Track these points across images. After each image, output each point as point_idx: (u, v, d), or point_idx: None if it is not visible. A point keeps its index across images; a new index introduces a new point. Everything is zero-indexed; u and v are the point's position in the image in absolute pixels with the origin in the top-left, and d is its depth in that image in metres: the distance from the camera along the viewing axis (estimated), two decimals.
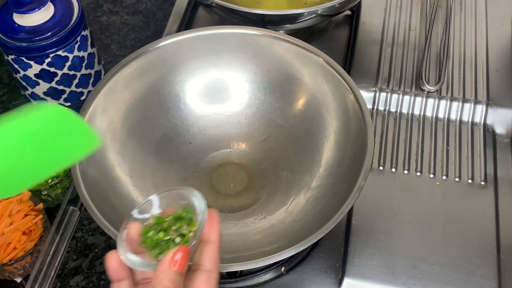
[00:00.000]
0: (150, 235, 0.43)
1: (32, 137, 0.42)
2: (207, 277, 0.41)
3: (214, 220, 0.42)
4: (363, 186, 0.57)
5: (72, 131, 0.45)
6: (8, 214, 0.67)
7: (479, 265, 0.65)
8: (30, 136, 0.42)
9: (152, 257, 0.42)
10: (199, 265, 0.41)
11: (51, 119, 0.44)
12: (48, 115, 0.44)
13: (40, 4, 0.74)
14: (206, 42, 0.70)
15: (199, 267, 0.41)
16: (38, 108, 0.44)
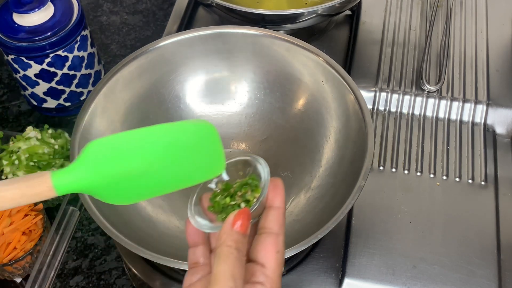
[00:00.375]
0: (217, 200, 0.45)
1: (174, 148, 0.44)
2: (275, 239, 0.42)
3: (278, 188, 0.44)
4: (363, 186, 0.57)
5: (210, 151, 0.46)
6: (8, 214, 0.67)
7: (479, 265, 0.65)
8: (173, 145, 0.44)
9: (219, 221, 0.44)
10: (266, 228, 0.43)
11: (198, 134, 0.45)
12: (198, 129, 0.46)
13: (40, 4, 0.74)
14: (206, 42, 0.70)
15: (266, 230, 0.42)
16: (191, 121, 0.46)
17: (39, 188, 0.39)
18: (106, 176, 0.41)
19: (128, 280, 0.69)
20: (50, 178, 0.39)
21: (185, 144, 0.44)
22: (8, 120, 0.86)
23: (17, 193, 0.39)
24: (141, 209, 0.65)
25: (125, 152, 0.42)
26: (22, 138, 0.74)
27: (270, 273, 0.41)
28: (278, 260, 0.41)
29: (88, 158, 0.41)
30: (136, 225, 0.62)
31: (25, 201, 0.39)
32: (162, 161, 0.43)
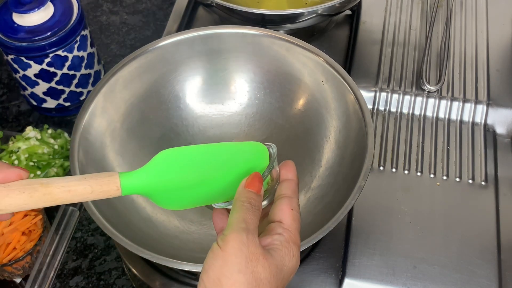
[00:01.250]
0: None
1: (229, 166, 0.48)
2: (289, 200, 0.47)
3: (289, 165, 0.50)
4: (363, 186, 0.56)
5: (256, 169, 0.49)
6: None
7: (479, 265, 0.65)
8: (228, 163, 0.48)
9: None
10: (281, 194, 0.47)
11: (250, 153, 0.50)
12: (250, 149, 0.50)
13: (39, 4, 0.74)
14: (206, 42, 0.70)
15: (280, 196, 0.47)
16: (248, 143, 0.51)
17: (108, 187, 0.43)
18: (167, 184, 0.45)
19: (128, 280, 0.69)
20: (118, 179, 0.43)
21: (238, 162, 0.48)
22: (8, 120, 0.86)
23: (88, 189, 0.42)
24: (141, 209, 0.65)
25: (187, 164, 0.46)
26: (21, 138, 0.74)
27: (287, 226, 0.45)
28: (293, 216, 0.46)
29: (156, 166, 0.45)
30: (136, 225, 0.62)
31: (93, 197, 0.42)
32: (217, 175, 0.47)
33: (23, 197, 0.40)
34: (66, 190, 0.41)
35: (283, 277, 0.43)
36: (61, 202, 0.42)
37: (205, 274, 0.42)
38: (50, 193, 0.41)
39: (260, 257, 0.42)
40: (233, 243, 0.41)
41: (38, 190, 0.41)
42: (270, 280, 0.41)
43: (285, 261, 0.43)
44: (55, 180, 0.42)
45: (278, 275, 0.42)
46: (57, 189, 0.41)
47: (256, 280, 0.41)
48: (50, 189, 0.41)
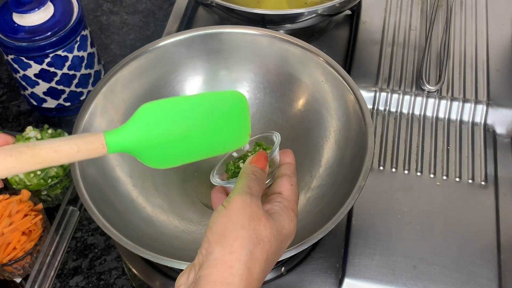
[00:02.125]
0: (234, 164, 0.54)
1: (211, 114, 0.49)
2: (288, 177, 0.50)
3: (288, 151, 0.53)
4: (363, 186, 0.57)
5: (240, 120, 0.51)
6: (8, 214, 0.67)
7: (479, 265, 0.65)
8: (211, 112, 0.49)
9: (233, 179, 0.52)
10: (281, 173, 0.51)
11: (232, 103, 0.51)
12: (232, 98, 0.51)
13: (39, 4, 0.74)
14: (206, 42, 0.70)
15: (281, 175, 0.51)
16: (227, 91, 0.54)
17: (94, 145, 0.43)
18: (152, 139, 0.45)
19: (128, 280, 0.69)
20: (103, 137, 0.44)
21: (220, 112, 0.49)
22: (8, 120, 0.86)
23: (74, 148, 0.42)
24: (141, 209, 0.65)
25: (170, 117, 0.46)
26: (22, 138, 0.74)
27: (286, 196, 0.48)
28: (292, 189, 0.49)
29: (138, 121, 0.45)
30: (136, 225, 0.62)
31: (79, 157, 0.43)
32: (200, 127, 0.48)
33: (11, 160, 0.40)
34: (53, 150, 0.41)
35: (282, 239, 0.45)
36: (49, 164, 0.42)
37: (209, 230, 0.43)
38: (37, 155, 0.41)
39: (262, 218, 0.44)
40: (237, 203, 0.44)
41: (25, 152, 0.41)
42: (270, 239, 0.44)
43: (284, 224, 0.46)
44: (41, 142, 0.42)
45: (278, 236, 0.45)
46: (43, 150, 0.41)
47: (258, 237, 0.43)
48: (37, 150, 0.41)
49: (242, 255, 0.42)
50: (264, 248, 0.43)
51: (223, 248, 0.42)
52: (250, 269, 0.42)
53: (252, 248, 0.42)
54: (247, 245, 0.42)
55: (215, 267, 0.41)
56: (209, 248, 0.42)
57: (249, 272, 0.42)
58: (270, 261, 0.44)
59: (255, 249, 0.43)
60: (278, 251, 0.45)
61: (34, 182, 0.71)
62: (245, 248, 0.42)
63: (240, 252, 0.42)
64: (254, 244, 0.43)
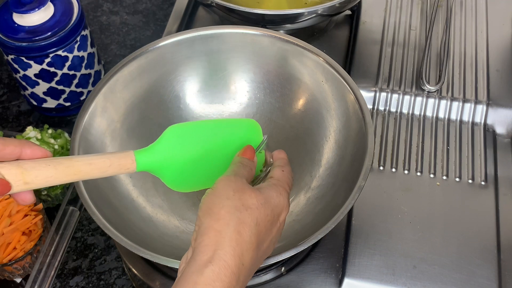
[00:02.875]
0: None
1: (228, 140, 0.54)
2: (279, 167, 0.53)
3: (280, 151, 0.57)
4: (363, 186, 0.57)
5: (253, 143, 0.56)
6: (8, 214, 0.67)
7: (479, 265, 0.65)
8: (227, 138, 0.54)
9: None
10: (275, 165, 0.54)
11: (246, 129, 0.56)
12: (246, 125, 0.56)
13: (40, 4, 0.74)
14: (206, 42, 0.70)
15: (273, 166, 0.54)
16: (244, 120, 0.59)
17: (125, 160, 0.47)
18: (176, 159, 0.49)
19: (128, 280, 0.69)
20: (133, 154, 0.47)
21: (237, 138, 0.54)
22: (8, 120, 0.86)
23: (107, 162, 0.46)
24: (141, 209, 0.65)
25: (193, 139, 0.51)
26: (22, 138, 0.74)
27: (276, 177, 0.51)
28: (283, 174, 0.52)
29: (166, 141, 0.49)
30: (136, 225, 0.62)
31: (111, 171, 0.46)
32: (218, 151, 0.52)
33: (49, 169, 0.43)
34: (88, 163, 0.45)
35: (272, 208, 0.47)
36: (83, 176, 0.45)
37: (199, 210, 0.46)
38: (73, 166, 0.44)
39: (246, 189, 0.47)
40: (221, 182, 0.47)
41: (62, 163, 0.44)
42: (258, 206, 0.46)
43: (273, 195, 0.48)
44: (77, 156, 0.46)
45: (267, 204, 0.47)
46: (79, 162, 0.45)
47: (244, 205, 0.45)
48: (73, 162, 0.44)
49: (230, 220, 0.44)
50: (253, 214, 0.45)
51: (211, 218, 0.44)
52: (240, 232, 0.44)
53: (240, 214, 0.45)
54: (234, 212, 0.45)
55: (206, 234, 0.44)
56: (199, 223, 0.45)
57: (239, 234, 0.44)
58: (262, 227, 0.46)
59: (243, 215, 0.45)
60: (270, 219, 0.47)
61: None
62: (232, 214, 0.44)
63: (228, 218, 0.44)
64: (240, 211, 0.45)
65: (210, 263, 0.42)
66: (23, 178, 0.42)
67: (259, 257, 0.47)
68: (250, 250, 0.44)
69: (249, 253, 0.44)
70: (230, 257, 0.43)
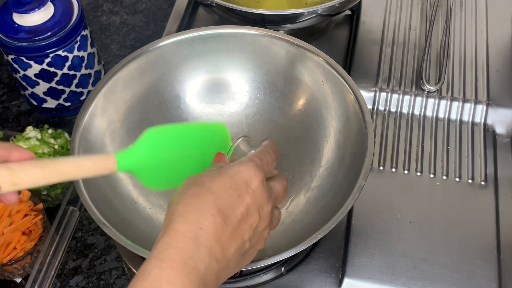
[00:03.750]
0: None
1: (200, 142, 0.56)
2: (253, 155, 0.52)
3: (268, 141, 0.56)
4: (363, 186, 0.57)
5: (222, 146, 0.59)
6: (8, 214, 0.67)
7: (479, 265, 0.65)
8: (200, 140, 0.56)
9: None
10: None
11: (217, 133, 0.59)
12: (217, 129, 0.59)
13: (40, 4, 0.74)
14: (206, 42, 0.70)
15: None
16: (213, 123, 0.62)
17: (106, 162, 0.48)
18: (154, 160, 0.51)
19: (128, 280, 0.69)
20: (114, 155, 0.49)
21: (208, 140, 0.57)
22: (8, 120, 0.86)
23: (90, 163, 0.48)
24: (141, 209, 0.65)
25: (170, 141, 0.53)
26: (22, 138, 0.74)
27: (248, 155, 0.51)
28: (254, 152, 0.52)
29: (144, 143, 0.50)
30: (136, 225, 0.62)
31: (93, 171, 0.48)
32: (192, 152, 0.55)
33: (36, 171, 0.44)
34: (72, 164, 0.46)
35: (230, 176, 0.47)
36: (69, 176, 0.46)
37: None
38: (59, 167, 0.45)
39: (201, 174, 0.48)
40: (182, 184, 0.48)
41: (48, 165, 0.45)
42: (211, 178, 0.47)
43: (230, 166, 0.49)
44: (62, 157, 0.47)
45: (221, 174, 0.47)
46: (64, 164, 0.46)
47: (195, 183, 0.47)
48: (58, 163, 0.46)
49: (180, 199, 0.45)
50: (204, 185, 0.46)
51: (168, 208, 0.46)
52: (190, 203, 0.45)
53: (190, 191, 0.46)
54: (185, 191, 0.46)
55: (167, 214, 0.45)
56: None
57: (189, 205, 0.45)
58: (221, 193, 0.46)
59: (193, 190, 0.46)
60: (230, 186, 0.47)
61: None
62: (183, 193, 0.46)
63: (178, 198, 0.46)
64: (190, 188, 0.46)
65: (161, 238, 0.43)
66: (11, 179, 0.43)
67: (238, 226, 0.46)
68: (209, 215, 0.44)
69: (208, 217, 0.44)
70: (180, 225, 0.43)
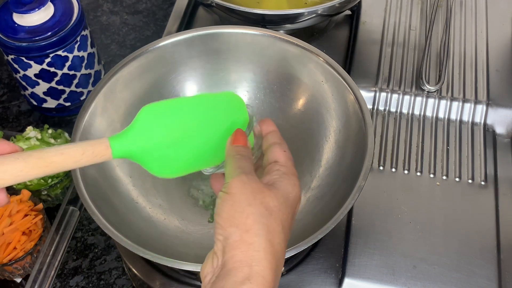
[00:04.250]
0: None
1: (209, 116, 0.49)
2: (279, 145, 0.50)
3: (267, 120, 0.53)
4: (363, 186, 0.57)
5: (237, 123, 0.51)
6: (8, 214, 0.67)
7: (479, 265, 0.65)
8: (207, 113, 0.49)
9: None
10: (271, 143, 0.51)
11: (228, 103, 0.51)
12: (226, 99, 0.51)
13: (40, 4, 0.74)
14: (206, 42, 0.70)
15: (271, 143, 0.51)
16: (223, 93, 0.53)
17: (98, 148, 0.44)
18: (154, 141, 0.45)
19: (128, 280, 0.69)
20: (107, 139, 0.44)
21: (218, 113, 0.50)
22: (8, 120, 0.86)
23: (79, 150, 0.43)
24: (141, 209, 0.65)
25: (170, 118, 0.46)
26: (22, 138, 0.74)
27: (283, 163, 0.48)
28: (286, 155, 0.49)
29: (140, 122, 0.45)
30: (136, 225, 0.62)
31: (85, 159, 0.43)
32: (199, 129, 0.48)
33: (18, 163, 0.41)
34: (59, 153, 0.42)
35: (291, 204, 0.45)
36: (56, 167, 0.42)
37: (219, 217, 0.43)
38: (44, 157, 0.41)
39: (264, 190, 0.44)
40: (236, 185, 0.44)
41: (32, 155, 0.41)
42: (280, 207, 0.44)
43: (289, 189, 0.45)
44: (47, 147, 0.43)
45: (287, 202, 0.45)
46: (49, 153, 0.42)
47: (268, 209, 0.43)
48: (43, 153, 0.42)
49: (259, 230, 0.41)
50: (277, 217, 0.43)
51: (239, 229, 0.42)
52: (271, 241, 0.42)
53: (266, 221, 0.42)
54: (259, 219, 0.42)
55: (237, 247, 0.41)
56: (225, 233, 0.42)
57: (271, 244, 0.41)
58: (286, 229, 0.44)
59: (269, 221, 0.42)
60: (291, 216, 0.45)
61: (34, 182, 0.71)
62: (259, 222, 0.42)
63: (256, 227, 0.42)
64: (266, 217, 0.42)
65: (248, 281, 0.40)
66: None
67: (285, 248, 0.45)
68: (281, 259, 0.42)
69: (282, 262, 0.42)
70: (268, 272, 0.40)
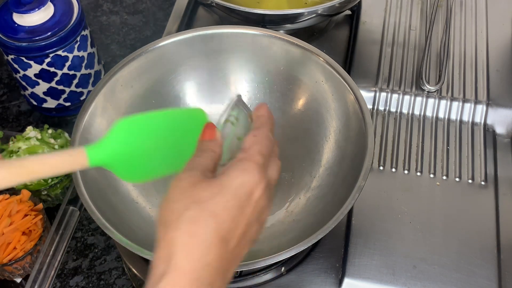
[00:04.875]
0: None
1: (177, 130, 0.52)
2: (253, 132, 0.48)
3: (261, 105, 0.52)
4: (363, 186, 0.57)
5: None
6: (8, 214, 0.67)
7: (479, 265, 0.65)
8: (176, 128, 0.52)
9: None
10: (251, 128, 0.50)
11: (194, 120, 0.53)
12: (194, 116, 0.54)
13: (40, 4, 0.74)
14: (206, 42, 0.70)
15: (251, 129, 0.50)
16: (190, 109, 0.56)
17: (76, 157, 0.46)
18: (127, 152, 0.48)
19: (128, 280, 0.69)
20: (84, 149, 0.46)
21: (185, 127, 0.53)
22: (8, 120, 0.86)
23: (59, 159, 0.45)
24: (141, 209, 0.65)
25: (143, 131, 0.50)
26: (22, 138, 0.74)
27: (246, 149, 0.46)
28: (254, 140, 0.47)
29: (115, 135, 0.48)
30: (136, 225, 0.62)
31: (63, 168, 0.45)
32: (168, 141, 0.51)
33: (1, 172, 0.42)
34: (40, 162, 0.44)
35: (233, 192, 0.43)
36: (37, 175, 0.44)
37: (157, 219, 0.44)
38: (25, 166, 0.43)
39: (197, 183, 0.43)
40: (172, 183, 0.44)
41: (13, 164, 0.43)
42: (211, 196, 0.42)
43: (232, 175, 0.44)
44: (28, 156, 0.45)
45: (223, 190, 0.43)
46: (30, 162, 0.44)
47: (195, 201, 0.42)
48: (25, 162, 0.43)
49: (180, 223, 0.41)
50: (206, 207, 0.42)
51: (163, 226, 0.42)
52: (193, 232, 0.40)
53: (190, 213, 0.41)
54: (183, 212, 0.41)
55: (159, 246, 0.41)
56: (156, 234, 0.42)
57: (193, 235, 0.40)
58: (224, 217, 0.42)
59: (194, 213, 0.41)
60: (234, 204, 0.43)
61: (34, 182, 0.71)
62: (182, 215, 0.41)
63: (177, 222, 0.41)
64: (191, 208, 0.41)
65: (164, 276, 0.39)
66: None
67: (237, 245, 0.43)
68: (212, 247, 0.40)
69: (212, 251, 0.40)
70: (185, 263, 0.39)
